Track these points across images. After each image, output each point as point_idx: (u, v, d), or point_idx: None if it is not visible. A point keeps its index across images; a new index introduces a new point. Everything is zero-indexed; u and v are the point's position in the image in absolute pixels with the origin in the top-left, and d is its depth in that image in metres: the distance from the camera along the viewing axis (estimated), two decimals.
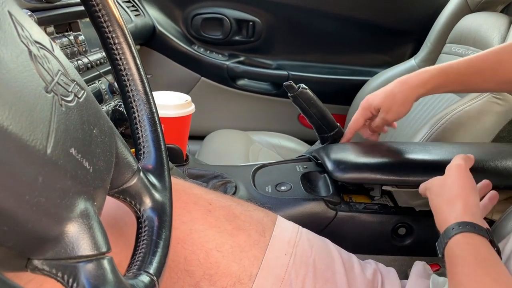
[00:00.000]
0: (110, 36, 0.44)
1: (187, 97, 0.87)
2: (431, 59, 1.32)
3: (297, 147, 1.42)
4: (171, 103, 0.83)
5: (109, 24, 0.44)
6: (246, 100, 1.60)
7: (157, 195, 0.43)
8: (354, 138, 0.86)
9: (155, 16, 1.54)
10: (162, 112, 0.81)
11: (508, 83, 0.74)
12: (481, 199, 0.59)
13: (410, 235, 0.71)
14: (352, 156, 0.75)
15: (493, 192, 0.60)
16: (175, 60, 1.57)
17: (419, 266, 0.63)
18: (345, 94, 1.50)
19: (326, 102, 1.36)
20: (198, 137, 1.39)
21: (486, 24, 1.12)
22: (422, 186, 0.61)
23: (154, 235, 0.40)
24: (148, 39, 1.51)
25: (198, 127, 1.43)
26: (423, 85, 0.75)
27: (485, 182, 0.60)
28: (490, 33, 1.07)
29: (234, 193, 0.73)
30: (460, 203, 0.51)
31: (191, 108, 0.85)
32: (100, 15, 0.44)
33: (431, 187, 0.57)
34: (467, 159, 0.57)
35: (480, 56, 0.76)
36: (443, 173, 0.57)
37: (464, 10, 1.25)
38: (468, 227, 0.47)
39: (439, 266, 0.70)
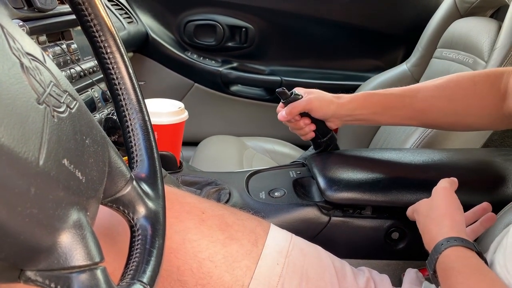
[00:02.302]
0: (102, 46, 0.44)
1: (180, 104, 0.87)
2: (423, 64, 1.33)
3: (291, 152, 1.43)
4: (164, 111, 0.83)
5: (101, 34, 0.44)
6: (239, 106, 1.61)
7: (150, 204, 0.43)
8: (348, 143, 0.86)
9: (148, 23, 1.54)
10: (155, 120, 0.81)
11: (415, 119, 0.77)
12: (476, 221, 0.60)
13: (403, 239, 0.72)
14: (344, 174, 0.75)
15: (489, 214, 0.60)
16: (168, 66, 1.57)
17: (411, 273, 0.63)
18: None
19: None
20: (192, 144, 1.39)
21: (476, 29, 1.13)
22: (410, 209, 0.63)
23: (147, 243, 0.40)
24: (141, 46, 1.52)
25: (192, 133, 1.43)
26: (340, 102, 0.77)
27: (483, 204, 0.61)
28: (480, 38, 1.08)
29: (227, 200, 0.73)
30: (447, 221, 0.53)
31: (184, 115, 0.85)
32: (92, 25, 0.44)
33: (419, 208, 0.59)
34: (452, 182, 0.59)
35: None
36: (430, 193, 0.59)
37: (454, 15, 1.27)
38: (456, 241, 0.49)
39: None
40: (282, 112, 0.79)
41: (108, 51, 0.45)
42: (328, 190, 0.70)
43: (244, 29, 1.57)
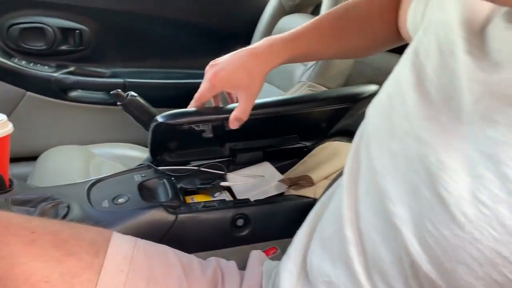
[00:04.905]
0: None
1: (2, 116, 0.79)
2: None
3: (143, 155, 1.39)
4: None
5: None
6: (82, 112, 1.51)
7: None
8: None
9: None
10: None
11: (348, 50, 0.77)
12: None
13: (248, 225, 0.76)
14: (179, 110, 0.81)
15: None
16: None
17: (254, 255, 0.67)
18: (184, 97, 1.51)
19: (166, 106, 1.36)
20: (29, 158, 1.28)
21: (298, 24, 1.24)
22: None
23: None
24: None
25: (29, 147, 1.31)
26: (276, 58, 0.72)
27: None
28: None
29: (66, 214, 0.69)
30: None
31: (8, 129, 0.77)
32: None
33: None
34: None
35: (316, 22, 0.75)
36: None
37: (280, 12, 1.38)
38: None
39: (275, 249, 0.77)
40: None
41: None
42: (166, 119, 0.76)
43: (78, 31, 1.48)
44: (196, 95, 0.77)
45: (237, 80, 0.72)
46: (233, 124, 0.73)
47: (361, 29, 0.74)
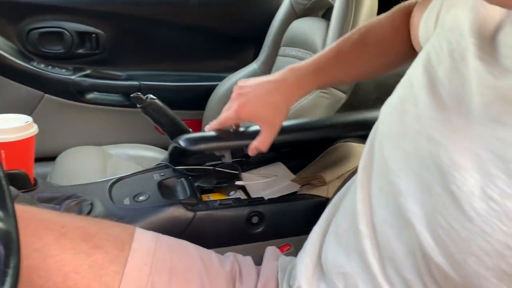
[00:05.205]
0: None
1: (28, 118, 0.82)
2: (270, 62, 1.45)
3: (157, 155, 1.43)
4: (10, 127, 0.78)
5: None
6: (98, 114, 1.55)
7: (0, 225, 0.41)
8: None
9: None
10: (1, 137, 0.76)
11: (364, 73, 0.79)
12: None
13: (262, 222, 0.79)
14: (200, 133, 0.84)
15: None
16: (12, 78, 1.45)
17: (269, 251, 0.70)
18: (198, 99, 1.56)
19: (180, 108, 1.41)
20: (48, 158, 1.31)
21: (310, 28, 1.28)
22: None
23: (1, 264, 0.39)
24: None
25: (47, 147, 1.35)
26: (302, 91, 0.75)
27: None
28: (314, 36, 1.22)
29: (90, 211, 0.72)
30: None
31: (33, 130, 0.81)
32: None
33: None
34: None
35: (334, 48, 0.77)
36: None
37: (292, 16, 1.41)
38: None
39: (289, 246, 0.80)
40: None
41: None
42: (187, 144, 0.79)
43: (94, 35, 1.52)
44: (219, 121, 0.78)
45: (262, 115, 0.73)
46: (252, 152, 0.75)
47: (379, 51, 0.76)
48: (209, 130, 0.80)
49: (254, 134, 0.74)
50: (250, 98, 0.73)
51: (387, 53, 0.76)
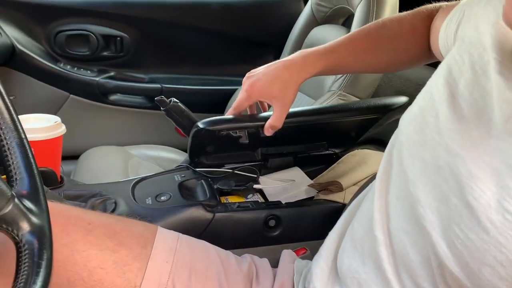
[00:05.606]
0: None
1: (57, 118, 0.86)
2: None
3: (177, 157, 1.46)
4: (40, 126, 0.81)
5: None
6: (120, 115, 1.59)
7: (34, 219, 0.44)
8: None
9: (13, 35, 1.45)
10: (31, 136, 0.79)
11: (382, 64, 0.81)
12: None
13: (279, 226, 0.81)
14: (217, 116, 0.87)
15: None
16: (40, 79, 1.50)
17: (286, 253, 0.72)
18: (217, 103, 1.58)
19: (200, 111, 1.42)
20: (72, 157, 1.35)
21: (330, 35, 1.29)
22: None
23: (35, 256, 0.42)
24: (8, 59, 1.42)
25: (71, 146, 1.38)
26: (309, 69, 0.75)
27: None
28: None
29: (114, 210, 0.75)
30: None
31: (62, 129, 0.84)
32: None
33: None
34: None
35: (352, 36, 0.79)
36: None
37: (312, 23, 1.42)
38: None
39: (305, 249, 0.81)
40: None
41: None
42: (207, 125, 0.81)
43: (119, 38, 1.56)
44: (234, 104, 0.82)
45: (272, 91, 0.76)
46: (268, 131, 0.78)
47: (393, 45, 0.77)
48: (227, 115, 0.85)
49: (268, 117, 0.78)
50: (259, 76, 0.77)
51: (399, 50, 0.77)
